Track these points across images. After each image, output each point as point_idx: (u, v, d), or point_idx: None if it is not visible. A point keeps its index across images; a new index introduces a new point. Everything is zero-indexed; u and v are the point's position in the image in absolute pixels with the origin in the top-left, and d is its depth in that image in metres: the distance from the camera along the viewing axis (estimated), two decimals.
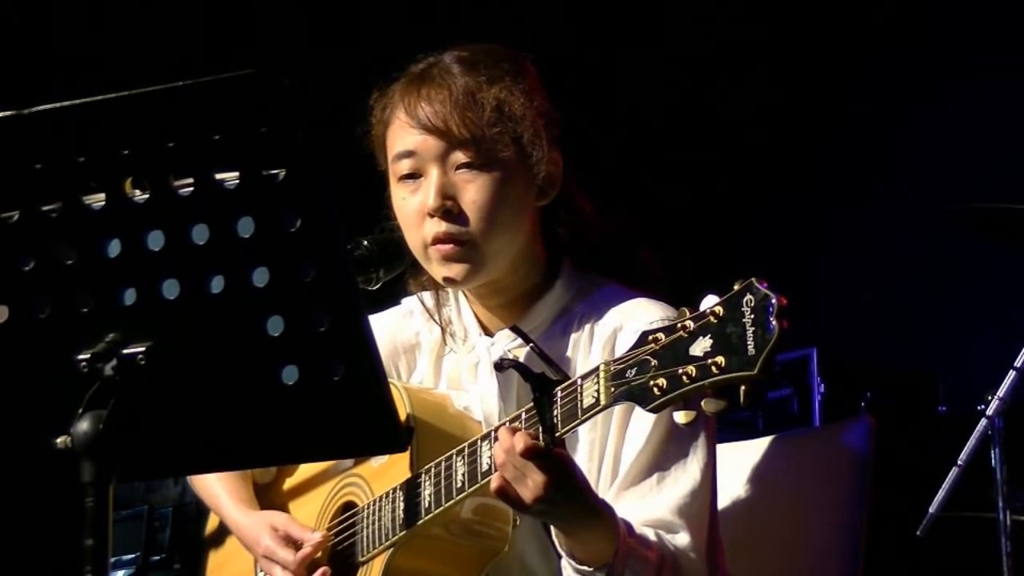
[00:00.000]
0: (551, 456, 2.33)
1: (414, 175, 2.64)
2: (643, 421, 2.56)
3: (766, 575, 2.92)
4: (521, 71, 2.67)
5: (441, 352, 2.83)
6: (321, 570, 2.65)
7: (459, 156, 2.61)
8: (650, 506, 2.54)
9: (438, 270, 2.64)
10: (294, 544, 2.70)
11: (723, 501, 2.78)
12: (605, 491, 2.58)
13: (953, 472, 3.96)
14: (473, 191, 2.60)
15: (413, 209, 2.63)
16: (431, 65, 2.68)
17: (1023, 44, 5.52)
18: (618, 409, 2.56)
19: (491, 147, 2.60)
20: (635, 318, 2.58)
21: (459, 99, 2.60)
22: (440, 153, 2.61)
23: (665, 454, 2.56)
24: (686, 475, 2.56)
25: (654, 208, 5.81)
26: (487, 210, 2.60)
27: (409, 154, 2.64)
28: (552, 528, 2.47)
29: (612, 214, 2.77)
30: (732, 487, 2.90)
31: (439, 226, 2.60)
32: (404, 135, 2.65)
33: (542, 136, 2.64)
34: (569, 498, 2.36)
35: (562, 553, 2.46)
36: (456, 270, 2.63)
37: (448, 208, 2.60)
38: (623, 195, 2.85)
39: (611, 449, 2.60)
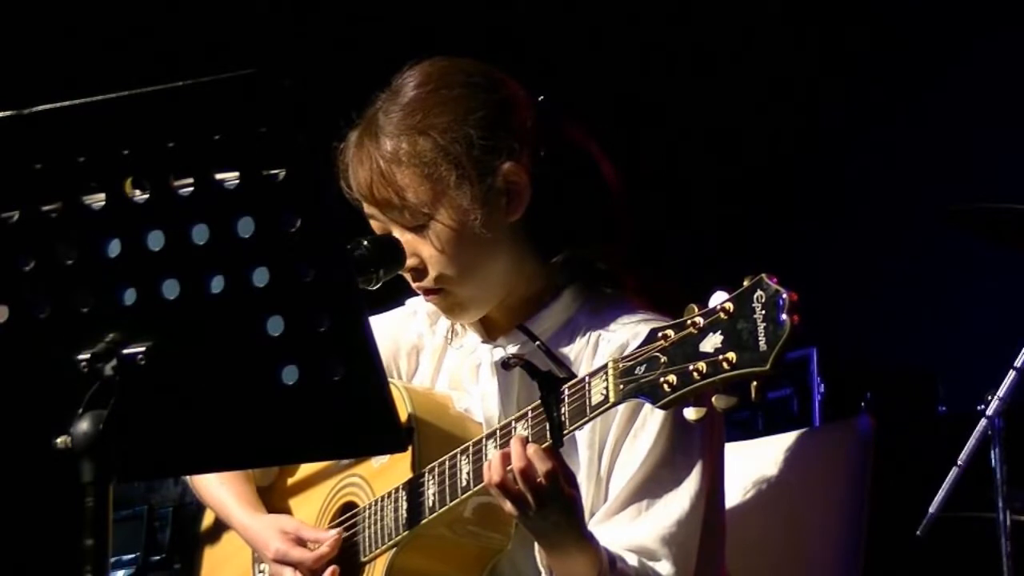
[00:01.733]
0: (567, 474, 2.36)
1: (383, 232, 2.65)
2: (638, 445, 2.55)
3: (766, 575, 2.92)
4: (463, 97, 2.60)
5: (443, 355, 2.83)
6: (331, 568, 2.64)
7: (400, 220, 2.60)
8: (635, 532, 2.53)
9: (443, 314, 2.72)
10: (305, 545, 2.70)
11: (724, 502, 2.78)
12: (598, 507, 2.58)
13: (953, 472, 3.96)
14: (427, 248, 2.60)
15: None
16: (373, 114, 2.63)
17: None
18: (614, 430, 2.56)
19: (416, 206, 2.57)
20: (639, 339, 2.56)
21: (380, 165, 2.58)
22: (386, 219, 2.63)
23: (656, 481, 2.55)
24: (675, 504, 2.54)
25: (654, 208, 5.81)
26: (446, 261, 2.59)
27: (370, 216, 2.66)
28: (537, 550, 2.48)
29: (614, 216, 2.75)
30: (732, 487, 2.90)
31: (415, 283, 2.65)
32: (361, 199, 2.66)
33: (480, 166, 2.57)
34: (566, 513, 2.38)
35: (542, 571, 2.48)
36: (452, 316, 2.70)
37: (415, 266, 2.62)
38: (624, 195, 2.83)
39: (605, 467, 2.59)
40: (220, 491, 2.87)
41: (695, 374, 2.13)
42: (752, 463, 2.95)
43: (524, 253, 2.66)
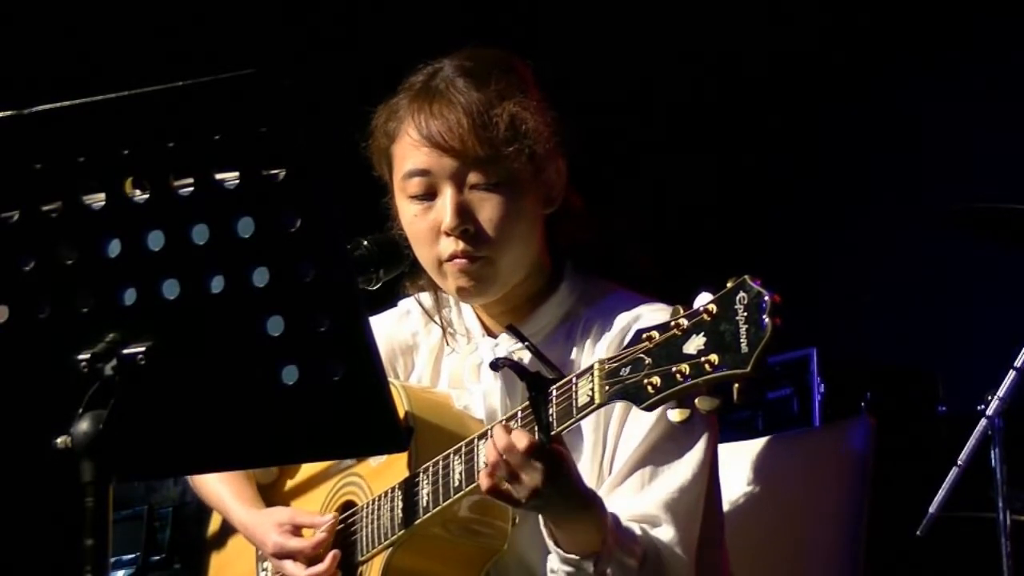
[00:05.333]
0: (548, 452, 2.34)
1: (426, 193, 2.62)
2: (641, 420, 2.57)
3: (765, 575, 2.92)
4: (526, 80, 2.66)
5: (441, 353, 2.83)
6: (332, 553, 2.64)
7: (475, 175, 2.59)
8: (638, 501, 2.55)
9: (453, 284, 2.64)
10: (303, 533, 2.70)
11: (723, 501, 2.78)
12: (603, 488, 2.58)
13: (953, 472, 3.96)
14: (489, 209, 2.59)
15: (426, 227, 2.62)
16: (433, 76, 2.65)
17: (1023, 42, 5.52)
18: (618, 408, 2.57)
19: (507, 165, 2.59)
20: (643, 321, 2.58)
21: (473, 116, 2.58)
22: (455, 172, 2.60)
23: (659, 452, 2.57)
24: (677, 472, 2.56)
25: (654, 207, 5.82)
26: (504, 228, 2.59)
27: (422, 172, 2.62)
28: (541, 518, 2.48)
29: (609, 213, 2.77)
30: (732, 487, 2.90)
31: (456, 245, 2.60)
32: (415, 153, 2.62)
33: (553, 149, 2.64)
34: (562, 493, 2.37)
35: (549, 544, 2.47)
36: (473, 285, 2.63)
37: (465, 227, 2.59)
38: (623, 194, 2.84)
39: (610, 447, 2.61)
40: (219, 488, 2.87)
41: (678, 376, 2.14)
42: (752, 463, 2.95)
43: (543, 247, 2.70)
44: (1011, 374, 3.94)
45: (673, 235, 5.71)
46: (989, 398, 3.93)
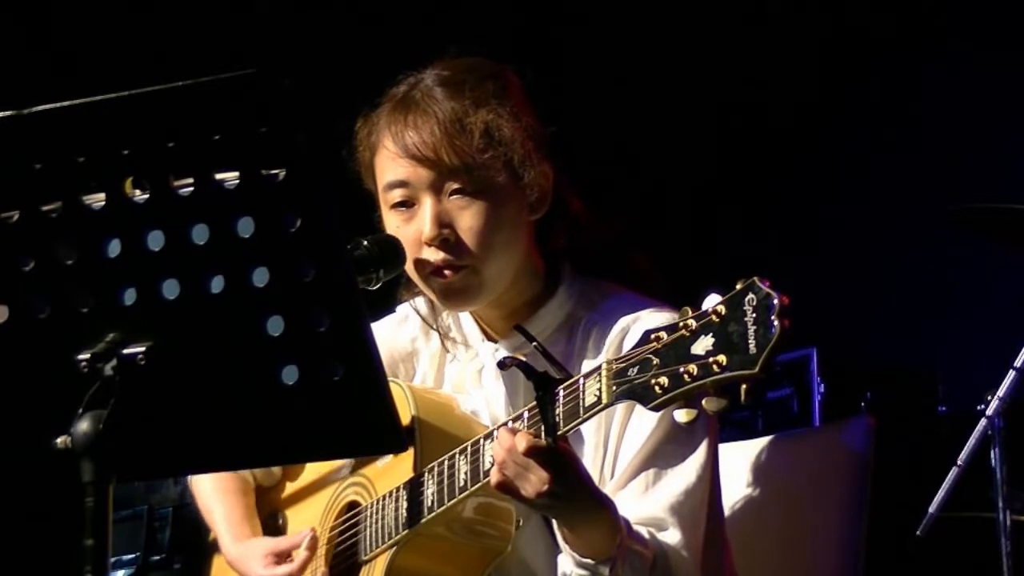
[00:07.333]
0: (553, 452, 2.33)
1: (407, 203, 2.63)
2: (643, 422, 2.56)
3: (766, 575, 2.92)
4: (506, 87, 2.65)
5: (443, 359, 2.83)
6: (321, 571, 2.65)
7: (452, 184, 2.59)
8: (643, 504, 2.54)
9: (439, 295, 2.65)
10: (287, 557, 2.70)
11: (723, 501, 2.78)
12: (606, 491, 2.58)
13: (953, 472, 3.96)
14: (468, 217, 2.59)
15: (409, 237, 2.62)
16: (412, 88, 2.65)
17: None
18: (620, 410, 2.57)
19: (483, 173, 2.59)
20: (643, 322, 2.58)
21: (447, 126, 2.58)
22: (432, 182, 2.60)
23: (662, 455, 2.56)
24: (681, 475, 2.56)
25: (653, 208, 5.82)
26: (484, 236, 2.59)
27: (401, 184, 2.63)
28: (554, 522, 2.48)
29: (608, 215, 2.77)
30: (732, 487, 2.90)
31: (437, 255, 2.60)
32: (393, 165, 2.63)
33: (532, 155, 2.63)
34: (572, 492, 2.37)
35: (563, 548, 2.47)
36: (459, 297, 2.64)
37: (445, 236, 2.59)
38: (622, 194, 2.84)
39: (612, 450, 2.60)
40: (213, 506, 2.87)
41: (686, 376, 2.14)
42: (752, 463, 2.95)
43: (531, 254, 2.69)
44: (1011, 374, 3.94)
45: (673, 236, 5.72)
46: (989, 398, 3.93)
